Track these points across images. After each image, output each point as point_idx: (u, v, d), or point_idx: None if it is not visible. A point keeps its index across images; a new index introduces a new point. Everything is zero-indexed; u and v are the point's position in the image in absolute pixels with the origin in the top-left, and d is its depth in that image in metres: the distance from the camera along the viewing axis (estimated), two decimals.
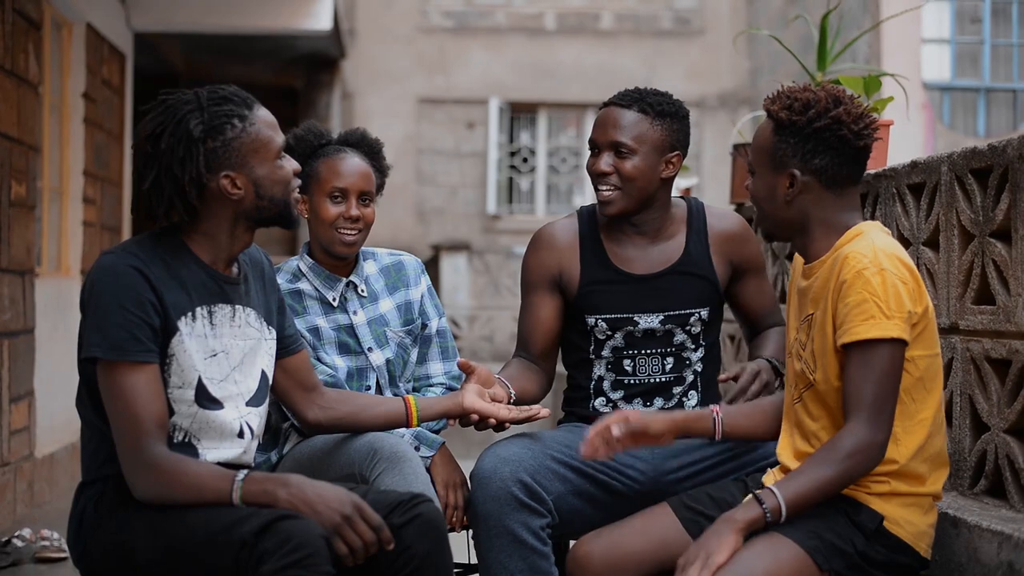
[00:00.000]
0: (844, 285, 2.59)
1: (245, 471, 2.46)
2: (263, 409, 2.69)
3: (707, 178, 12.87)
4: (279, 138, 2.60)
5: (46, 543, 4.93)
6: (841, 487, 2.60)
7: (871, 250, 2.59)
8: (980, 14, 11.34)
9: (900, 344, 2.56)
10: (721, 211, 3.39)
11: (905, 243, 3.47)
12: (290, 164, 2.63)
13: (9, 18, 5.63)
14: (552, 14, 13.88)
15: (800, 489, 2.57)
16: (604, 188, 3.20)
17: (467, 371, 3.08)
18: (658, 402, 3.25)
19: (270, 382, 2.72)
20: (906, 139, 8.37)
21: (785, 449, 2.77)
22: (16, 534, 4.94)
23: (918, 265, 3.38)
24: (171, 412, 2.51)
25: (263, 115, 2.59)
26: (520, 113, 14.12)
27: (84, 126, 7.33)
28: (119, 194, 8.40)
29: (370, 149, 3.37)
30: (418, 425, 3.03)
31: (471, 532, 3.11)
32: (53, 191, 6.94)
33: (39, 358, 6.07)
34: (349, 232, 3.28)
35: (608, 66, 13.61)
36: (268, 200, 2.58)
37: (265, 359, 2.70)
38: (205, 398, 2.54)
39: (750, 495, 2.63)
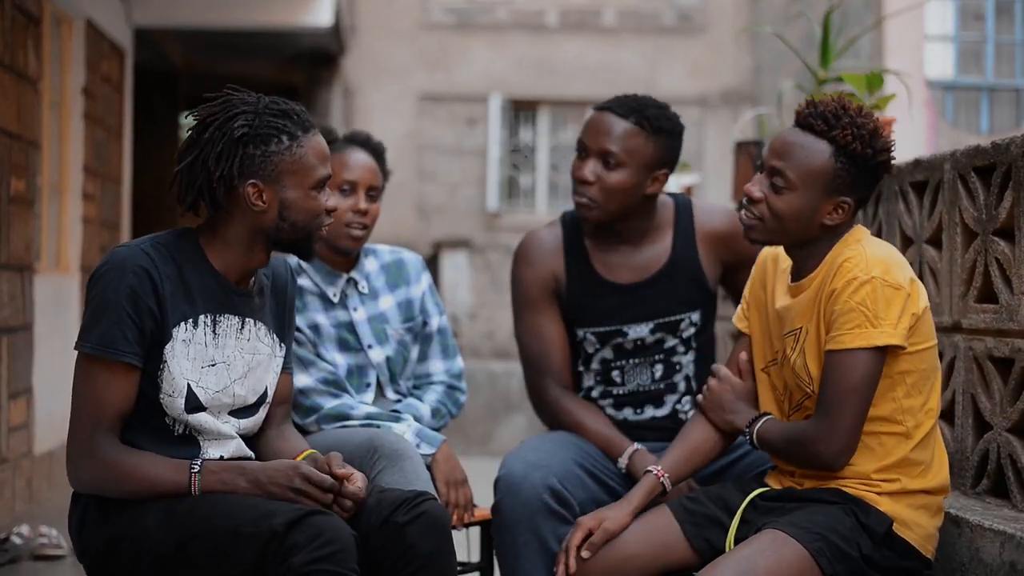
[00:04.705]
0: (835, 294, 2.60)
1: (200, 461, 2.46)
2: (249, 422, 2.64)
3: (709, 176, 12.84)
4: (323, 170, 2.55)
5: (44, 540, 4.92)
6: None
7: (863, 259, 2.60)
8: (983, 11, 11.31)
9: (882, 352, 2.57)
10: (710, 208, 3.31)
11: (907, 241, 3.46)
12: (327, 200, 2.57)
13: (9, 14, 5.62)
14: (554, 11, 13.85)
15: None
16: (582, 197, 3.09)
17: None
18: (648, 410, 3.20)
19: (268, 399, 2.68)
20: (909, 137, 8.32)
21: None
22: (14, 531, 4.92)
23: (920, 263, 3.36)
24: (164, 413, 2.51)
25: (316, 143, 2.54)
26: (521, 110, 14.09)
27: (84, 122, 7.32)
28: (118, 190, 8.38)
29: (375, 151, 3.38)
30: None
31: (489, 536, 3.01)
32: (52, 187, 6.92)
33: (38, 355, 6.06)
34: (356, 227, 3.27)
35: (610, 63, 13.58)
36: (289, 224, 2.53)
37: (271, 375, 2.67)
38: (194, 406, 2.53)
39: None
